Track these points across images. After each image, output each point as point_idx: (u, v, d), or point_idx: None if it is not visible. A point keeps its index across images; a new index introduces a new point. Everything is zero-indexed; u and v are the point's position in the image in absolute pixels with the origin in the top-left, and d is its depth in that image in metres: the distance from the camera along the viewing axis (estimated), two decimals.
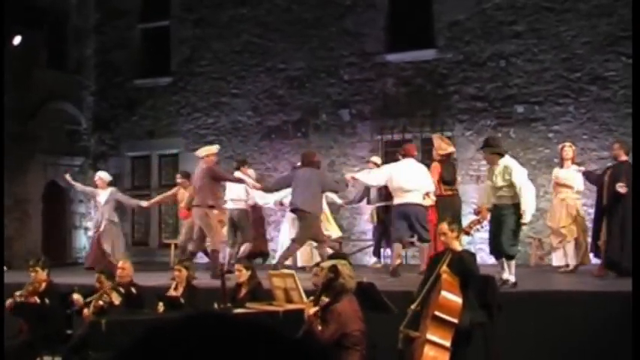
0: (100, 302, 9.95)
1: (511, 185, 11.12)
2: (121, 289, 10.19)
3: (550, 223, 14.15)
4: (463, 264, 8.38)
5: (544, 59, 17.19)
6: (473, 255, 8.92)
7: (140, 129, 21.38)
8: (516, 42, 17.42)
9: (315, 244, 14.44)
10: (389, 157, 17.69)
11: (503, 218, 11.11)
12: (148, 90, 21.33)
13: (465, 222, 11.20)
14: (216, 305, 9.28)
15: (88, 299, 10.08)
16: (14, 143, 18.64)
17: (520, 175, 11.22)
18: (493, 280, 8.94)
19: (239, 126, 20.05)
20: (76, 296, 10.09)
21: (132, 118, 21.47)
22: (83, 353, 9.69)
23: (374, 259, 16.32)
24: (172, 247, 17.66)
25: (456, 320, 7.91)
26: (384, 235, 15.78)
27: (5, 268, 15.62)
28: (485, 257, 13.94)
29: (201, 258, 16.11)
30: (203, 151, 14.70)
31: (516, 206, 11.01)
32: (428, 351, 7.84)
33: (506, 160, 11.38)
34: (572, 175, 13.91)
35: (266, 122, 19.74)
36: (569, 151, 14.10)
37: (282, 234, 16.16)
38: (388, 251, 15.90)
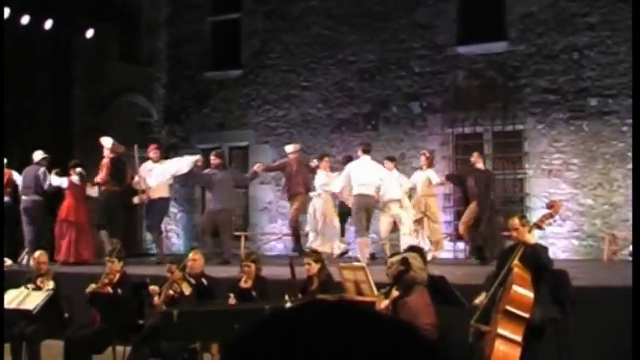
0: (171, 292, 10.01)
1: None
2: (192, 280, 10.24)
3: None
4: (539, 257, 8.29)
5: (618, 51, 16.92)
6: (546, 249, 8.81)
7: (211, 121, 21.52)
8: (589, 34, 17.18)
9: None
10: (459, 151, 17.64)
11: None
12: (218, 82, 21.47)
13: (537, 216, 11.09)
14: (287, 297, 9.28)
15: (159, 289, 10.16)
16: (87, 135, 18.87)
17: None
18: (566, 275, 8.81)
19: (309, 118, 20.07)
20: (152, 287, 10.18)
21: (202, 111, 21.62)
22: (154, 343, 9.76)
23: None
24: (242, 239, 17.76)
25: (527, 315, 7.82)
26: None
27: None
28: (557, 252, 13.77)
29: (270, 250, 16.14)
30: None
31: None
32: (499, 346, 7.76)
33: None
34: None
35: (336, 115, 19.72)
36: None
37: None
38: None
